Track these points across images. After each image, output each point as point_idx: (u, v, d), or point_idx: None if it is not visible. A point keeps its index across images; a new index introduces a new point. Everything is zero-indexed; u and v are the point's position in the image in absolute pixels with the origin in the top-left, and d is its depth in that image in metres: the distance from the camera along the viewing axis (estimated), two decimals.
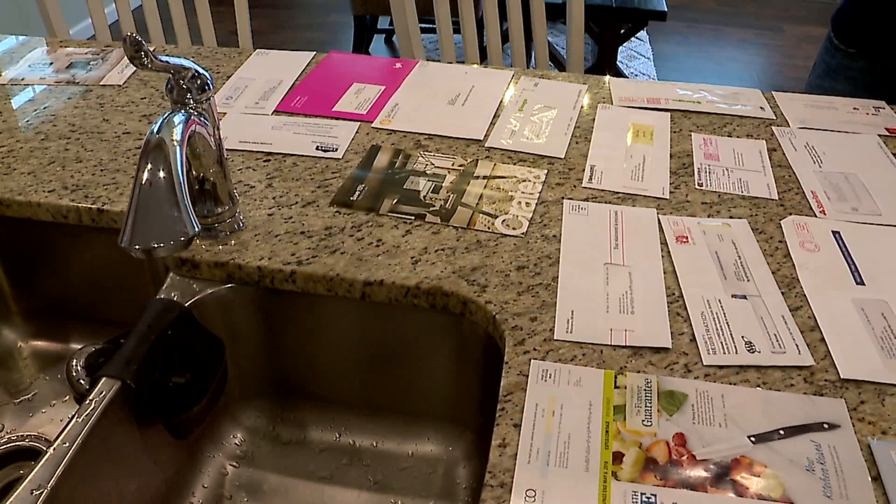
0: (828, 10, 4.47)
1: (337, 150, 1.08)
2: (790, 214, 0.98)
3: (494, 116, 1.17)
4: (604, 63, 3.11)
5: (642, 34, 4.01)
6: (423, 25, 2.98)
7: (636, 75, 3.62)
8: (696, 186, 1.03)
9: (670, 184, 1.03)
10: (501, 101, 1.21)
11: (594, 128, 1.15)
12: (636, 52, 3.84)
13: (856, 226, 0.98)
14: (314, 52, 1.37)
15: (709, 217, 0.96)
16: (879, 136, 1.19)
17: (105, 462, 0.74)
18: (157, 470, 0.83)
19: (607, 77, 1.31)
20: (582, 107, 1.21)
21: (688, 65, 3.85)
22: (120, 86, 1.25)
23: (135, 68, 1.29)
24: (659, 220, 0.95)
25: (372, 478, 0.92)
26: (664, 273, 0.86)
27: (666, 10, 2.99)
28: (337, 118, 1.16)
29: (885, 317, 0.83)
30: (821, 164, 1.10)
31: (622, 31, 3.15)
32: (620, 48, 3.50)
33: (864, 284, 0.88)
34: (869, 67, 1.43)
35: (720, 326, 0.79)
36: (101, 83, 1.26)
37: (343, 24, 4.13)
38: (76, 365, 0.82)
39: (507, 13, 1.72)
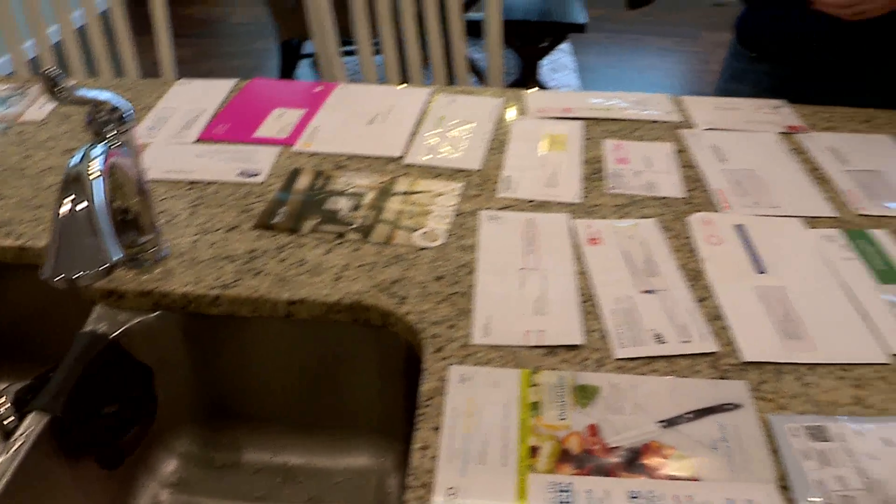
0: None
1: (259, 174, 1.10)
2: (697, 211, 1.03)
3: (413, 134, 1.20)
4: (527, 76, 3.17)
5: (565, 46, 4.10)
6: (346, 49, 3.00)
7: (561, 87, 3.70)
8: (608, 190, 1.07)
9: (583, 189, 1.07)
10: (420, 119, 1.25)
11: (510, 139, 1.19)
12: (560, 63, 3.93)
13: (757, 218, 1.03)
14: (236, 80, 1.38)
15: (620, 219, 1.01)
16: (779, 133, 1.26)
17: (35, 498, 0.74)
18: (89, 503, 0.84)
19: (525, 90, 1.35)
20: (499, 120, 1.25)
21: (611, 74, 3.94)
22: (40, 121, 1.25)
23: (55, 103, 1.30)
24: (572, 224, 0.99)
25: (307, 494, 0.94)
26: (577, 274, 0.90)
27: (585, 22, 3.07)
28: (259, 143, 1.18)
29: (783, 302, 0.88)
30: (726, 162, 1.16)
31: (544, 45, 3.22)
32: (545, 61, 3.58)
33: (764, 273, 0.93)
34: (770, 71, 1.50)
35: (630, 321, 0.83)
36: (20, 120, 1.26)
37: (269, 50, 4.14)
38: (4, 403, 0.82)
39: (426, 32, 1.76)
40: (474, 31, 2.22)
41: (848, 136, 1.27)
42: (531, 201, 1.03)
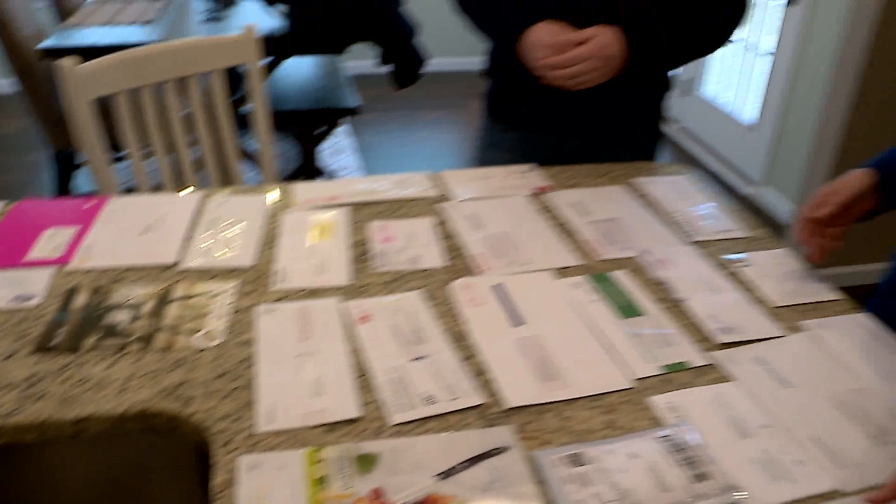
0: None
1: (33, 298, 1.09)
2: (458, 278, 1.13)
3: (187, 239, 1.23)
4: (308, 162, 3.26)
5: (344, 128, 4.23)
6: (118, 155, 2.98)
7: (342, 168, 3.81)
8: (376, 269, 1.15)
9: (352, 271, 1.15)
10: (193, 223, 1.28)
11: (281, 233, 1.25)
12: (340, 146, 4.05)
13: (513, 276, 1.14)
14: (3, 202, 1.36)
15: (388, 294, 1.09)
16: (529, 195, 1.40)
17: None
18: None
19: (293, 184, 1.42)
20: (269, 215, 1.31)
21: (390, 151, 4.11)
22: None
23: None
24: (342, 306, 1.06)
25: None
26: (351, 352, 0.97)
27: (357, 105, 3.20)
28: (31, 266, 1.17)
29: (539, 348, 0.99)
30: (482, 228, 1.28)
31: (321, 131, 3.32)
32: (324, 145, 3.68)
33: (522, 325, 1.03)
34: (520, 137, 1.66)
35: (403, 388, 0.91)
36: None
37: (44, 162, 4.00)
38: None
39: (197, 134, 1.80)
40: (247, 123, 2.28)
41: (588, 190, 1.43)
42: (303, 290, 1.10)
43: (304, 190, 1.39)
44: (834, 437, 0.87)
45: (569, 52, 1.36)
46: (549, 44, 1.38)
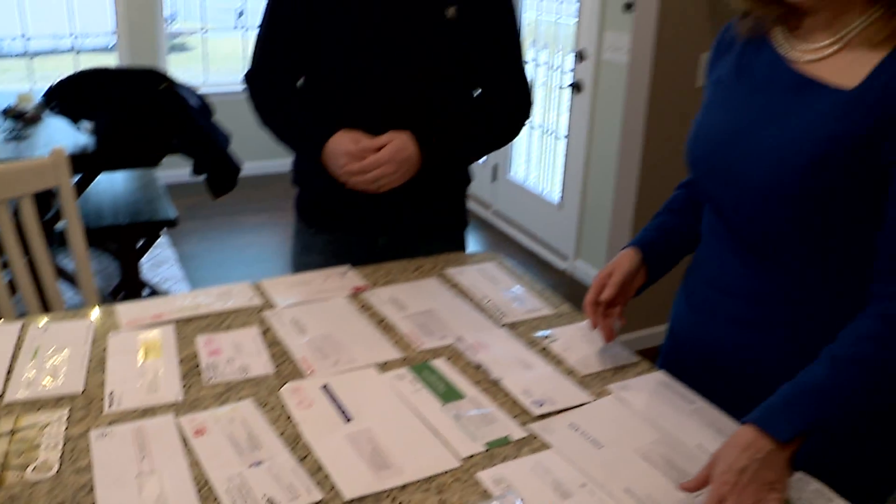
0: None
1: None
2: (287, 382, 1.19)
3: (9, 371, 1.22)
4: (129, 278, 3.20)
5: (164, 240, 4.18)
6: None
7: (166, 281, 3.76)
8: (206, 382, 1.19)
9: (183, 387, 1.18)
10: (14, 354, 1.27)
11: (108, 356, 1.26)
12: (161, 258, 4.00)
13: (339, 376, 1.21)
14: None
15: (220, 406, 1.13)
16: (348, 296, 1.47)
17: None
18: None
19: (116, 304, 1.43)
20: (94, 339, 1.31)
21: (214, 259, 4.10)
22: None
23: None
24: (177, 422, 1.09)
25: None
26: (190, 466, 1.00)
27: (175, 216, 3.20)
28: None
29: (370, 440, 1.05)
30: (306, 332, 1.34)
31: (140, 245, 3.28)
32: (144, 259, 3.63)
33: (351, 420, 1.10)
34: (331, 240, 1.74)
35: (244, 494, 0.95)
36: None
37: None
38: None
39: (9, 262, 1.77)
40: (62, 240, 2.24)
41: (403, 285, 1.53)
42: (136, 410, 1.12)
43: (127, 310, 1.41)
44: (643, 486, 0.99)
45: (367, 158, 1.49)
46: (348, 152, 1.50)
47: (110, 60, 5.19)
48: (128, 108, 3.02)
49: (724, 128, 1.15)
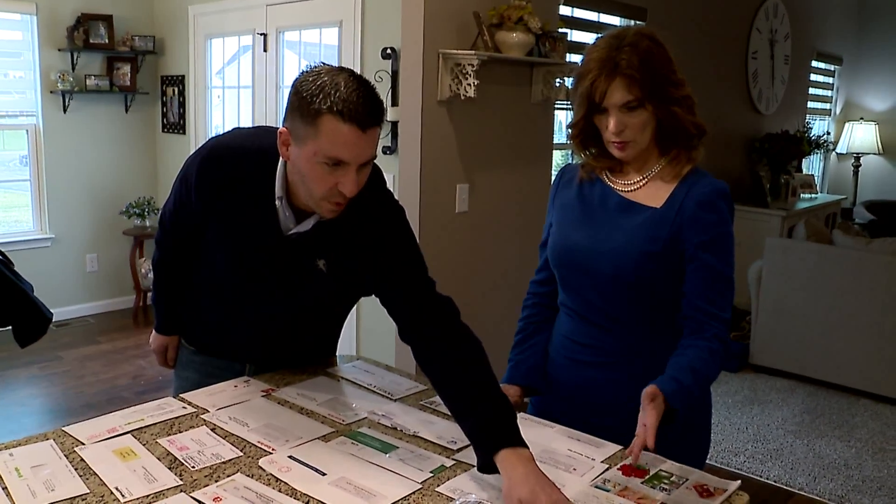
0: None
1: None
2: (260, 458, 1.50)
3: (7, 494, 1.40)
4: None
5: None
6: None
7: None
8: (192, 469, 1.46)
9: (175, 474, 1.44)
10: None
11: (90, 464, 1.47)
12: None
13: (296, 449, 1.54)
14: None
15: (216, 482, 1.42)
16: (262, 396, 1.79)
17: None
18: None
19: (64, 427, 1.61)
20: (66, 454, 1.51)
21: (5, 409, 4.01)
22: None
23: None
24: (191, 496, 1.36)
25: None
26: None
27: None
28: None
29: (349, 483, 1.40)
30: (248, 425, 1.64)
31: None
32: None
33: (326, 475, 1.44)
34: (205, 362, 1.97)
35: None
36: None
37: None
38: None
39: None
40: None
41: (303, 383, 1.87)
42: (148, 496, 1.37)
43: (82, 429, 1.58)
44: (549, 476, 1.43)
45: None
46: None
47: None
48: None
49: (578, 238, 1.72)
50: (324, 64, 1.56)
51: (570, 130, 1.75)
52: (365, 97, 1.50)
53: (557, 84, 4.11)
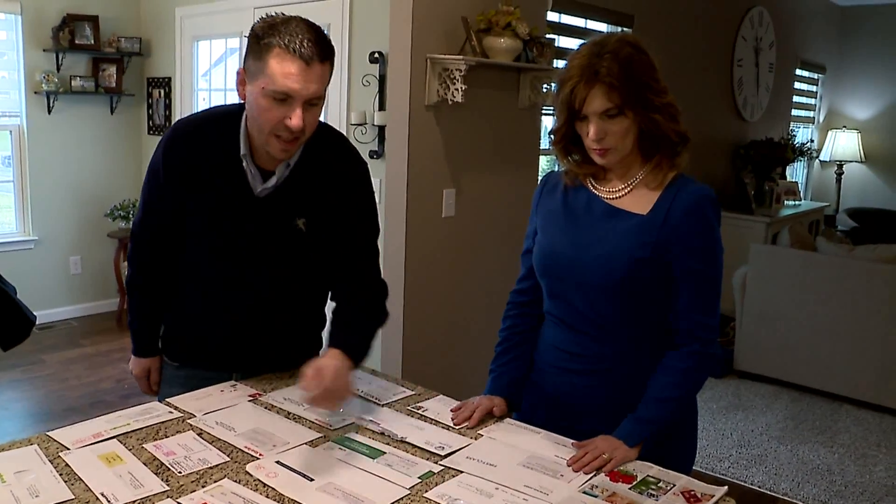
0: None
1: None
2: (247, 464, 1.49)
3: None
4: None
5: None
6: None
7: None
8: (179, 474, 1.45)
9: (161, 480, 1.43)
10: None
11: (75, 469, 1.47)
12: None
13: (283, 454, 1.54)
14: None
15: (203, 487, 1.41)
16: (249, 400, 1.79)
17: None
18: None
19: (48, 433, 1.60)
20: (50, 459, 1.50)
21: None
22: None
23: None
24: (178, 502, 1.36)
25: None
26: None
27: None
28: None
29: (338, 488, 1.40)
30: (235, 430, 1.64)
31: None
32: None
33: (314, 480, 1.44)
34: (190, 375, 1.96)
35: None
36: None
37: None
38: None
39: None
40: None
41: (291, 388, 1.86)
42: (134, 501, 1.36)
43: (68, 433, 1.58)
44: (534, 481, 1.45)
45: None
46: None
47: None
48: None
49: (564, 245, 1.71)
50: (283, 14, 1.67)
51: (552, 136, 1.75)
52: (311, 35, 1.61)
53: (545, 89, 4.11)
